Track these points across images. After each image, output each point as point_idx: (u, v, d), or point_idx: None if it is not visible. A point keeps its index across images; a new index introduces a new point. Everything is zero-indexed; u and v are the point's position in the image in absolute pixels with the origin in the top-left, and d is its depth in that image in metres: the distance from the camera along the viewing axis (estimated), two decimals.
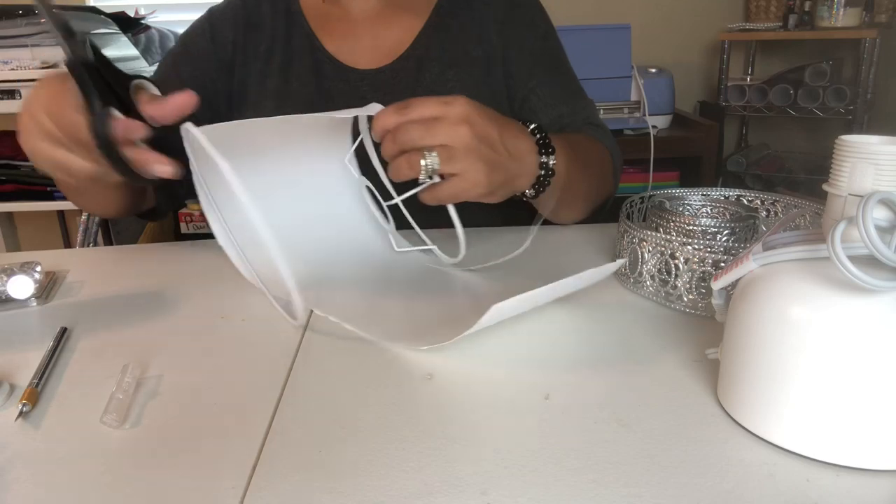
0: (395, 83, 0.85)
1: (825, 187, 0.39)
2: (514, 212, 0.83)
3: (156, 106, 0.53)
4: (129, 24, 1.92)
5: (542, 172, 0.63)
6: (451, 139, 0.55)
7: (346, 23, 0.86)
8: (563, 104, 0.86)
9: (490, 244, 0.75)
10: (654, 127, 1.92)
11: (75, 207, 0.88)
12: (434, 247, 0.67)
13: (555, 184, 0.65)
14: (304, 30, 0.85)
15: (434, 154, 0.55)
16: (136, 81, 0.55)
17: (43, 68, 1.66)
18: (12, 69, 1.66)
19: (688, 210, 0.67)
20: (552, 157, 0.63)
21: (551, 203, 0.70)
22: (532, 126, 0.64)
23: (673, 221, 0.61)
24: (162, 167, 0.52)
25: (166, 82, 0.87)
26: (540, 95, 0.86)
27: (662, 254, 0.58)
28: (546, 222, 0.83)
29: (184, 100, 0.53)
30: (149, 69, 1.84)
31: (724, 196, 0.68)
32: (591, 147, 0.81)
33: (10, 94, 1.67)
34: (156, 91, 0.56)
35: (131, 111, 0.52)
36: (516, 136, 0.61)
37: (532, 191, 0.64)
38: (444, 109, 0.55)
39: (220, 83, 0.87)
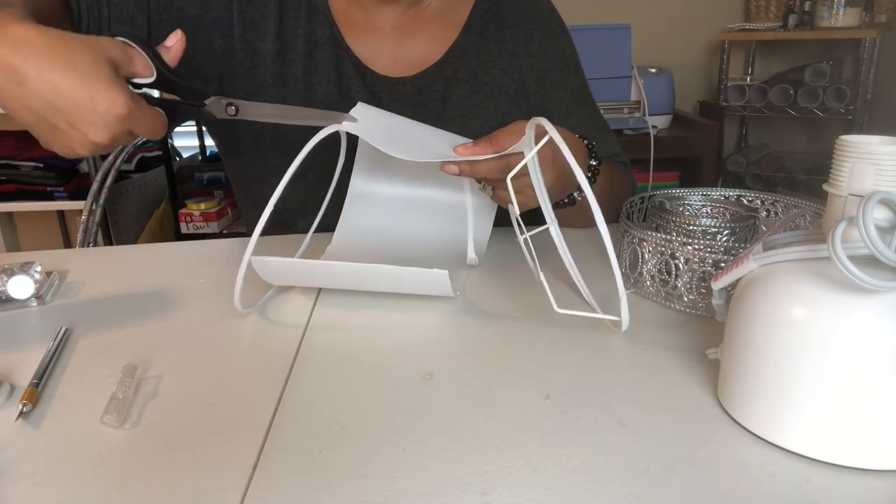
0: (421, 99, 0.84)
1: (825, 187, 0.39)
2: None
3: (173, 57, 0.59)
4: None
5: (589, 175, 0.71)
6: (528, 184, 0.63)
7: (369, 26, 0.84)
8: (594, 143, 0.88)
9: (507, 241, 0.75)
10: (654, 127, 1.92)
11: (75, 207, 0.88)
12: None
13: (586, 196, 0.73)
14: (328, 23, 0.83)
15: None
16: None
17: None
18: None
19: (688, 210, 0.67)
20: (597, 160, 0.72)
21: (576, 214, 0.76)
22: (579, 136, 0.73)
23: (673, 221, 0.61)
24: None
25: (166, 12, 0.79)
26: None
27: (662, 254, 0.58)
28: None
29: (181, 41, 0.59)
30: None
31: (724, 196, 0.68)
32: (620, 178, 0.88)
33: None
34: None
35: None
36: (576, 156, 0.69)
37: (576, 192, 0.72)
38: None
39: (213, 44, 0.81)
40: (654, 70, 2.01)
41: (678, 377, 0.47)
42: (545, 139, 0.54)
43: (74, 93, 0.50)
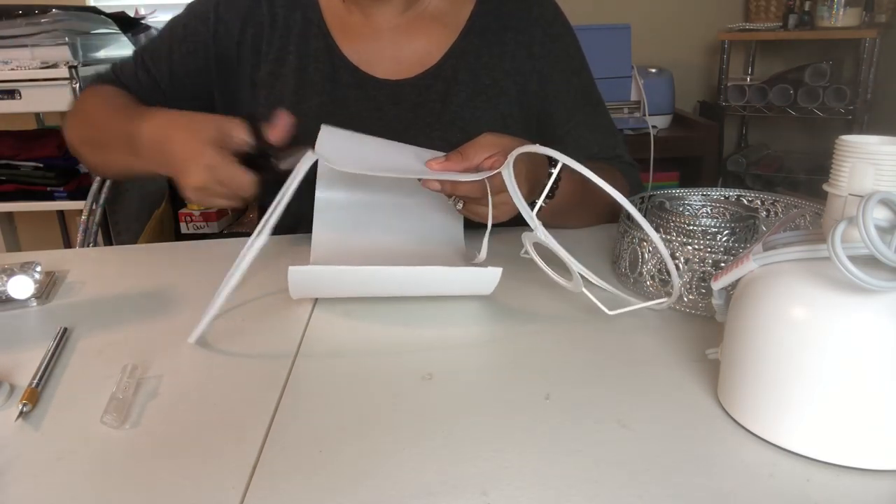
0: (420, 101, 0.83)
1: (825, 187, 0.39)
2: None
3: (275, 135, 0.66)
4: (129, 24, 1.92)
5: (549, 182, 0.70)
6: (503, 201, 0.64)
7: (367, 29, 0.84)
8: (595, 144, 0.89)
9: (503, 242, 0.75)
10: (654, 127, 1.92)
11: (75, 207, 0.90)
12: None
13: (556, 205, 0.72)
14: (322, 34, 0.83)
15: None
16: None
17: (43, 68, 1.65)
18: (12, 69, 1.66)
19: (688, 210, 0.67)
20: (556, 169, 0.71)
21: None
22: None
23: (673, 221, 0.61)
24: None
25: (157, 68, 0.86)
26: (575, 136, 0.88)
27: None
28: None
29: (286, 123, 0.66)
30: None
31: (724, 196, 0.68)
32: (609, 178, 0.85)
33: (10, 94, 1.67)
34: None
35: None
36: (538, 170, 0.70)
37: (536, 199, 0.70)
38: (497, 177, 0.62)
39: (215, 82, 0.86)
40: (654, 70, 2.01)
41: (678, 377, 0.47)
42: (499, 168, 0.60)
43: (179, 148, 0.65)
